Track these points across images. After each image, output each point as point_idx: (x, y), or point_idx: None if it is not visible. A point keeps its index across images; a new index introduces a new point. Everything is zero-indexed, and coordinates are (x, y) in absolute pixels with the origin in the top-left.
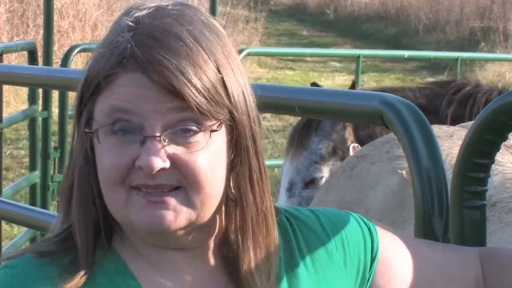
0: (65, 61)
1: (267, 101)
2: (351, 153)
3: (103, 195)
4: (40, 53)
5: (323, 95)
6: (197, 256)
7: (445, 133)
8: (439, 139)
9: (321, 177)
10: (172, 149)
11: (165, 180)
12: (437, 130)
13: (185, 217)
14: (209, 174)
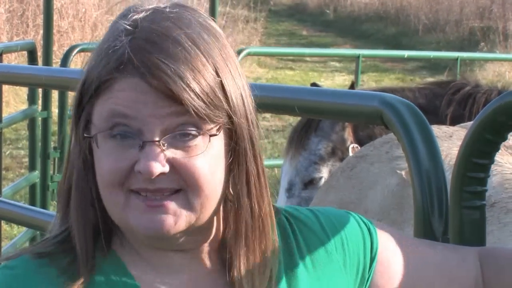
0: (64, 61)
1: (267, 101)
2: (351, 153)
3: (102, 198)
4: (39, 53)
5: (323, 95)
6: (196, 257)
7: (444, 134)
8: (438, 139)
9: (320, 178)
10: (171, 153)
11: (165, 184)
12: (437, 130)
13: (185, 220)
14: (209, 177)
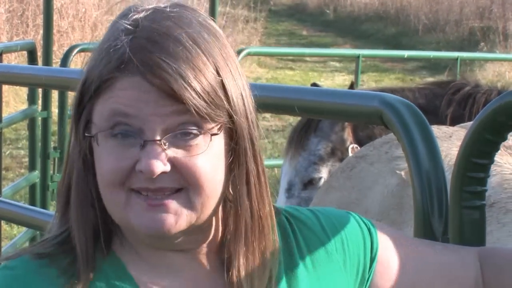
0: (64, 61)
1: (267, 101)
2: (350, 154)
3: (102, 197)
4: (39, 53)
5: (323, 95)
6: (195, 258)
7: (444, 134)
8: (438, 139)
9: (320, 178)
10: (172, 152)
11: (166, 183)
12: (436, 130)
13: (186, 220)
14: (210, 176)
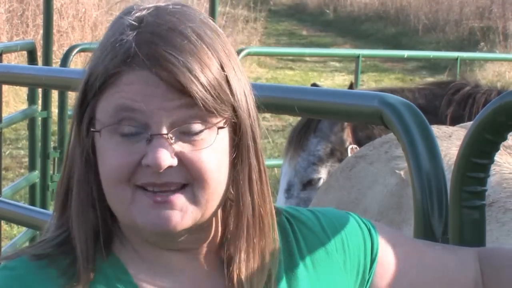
0: (64, 61)
1: (267, 101)
2: (349, 154)
3: (105, 196)
4: (39, 53)
5: (323, 95)
6: (196, 257)
7: (444, 133)
8: (438, 139)
9: (319, 179)
10: (179, 147)
11: (172, 178)
12: (436, 130)
13: (191, 216)
14: (215, 171)
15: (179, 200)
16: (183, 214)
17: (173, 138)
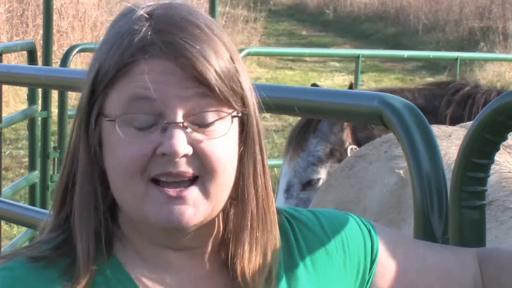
0: (64, 61)
1: (267, 101)
2: (349, 155)
3: (114, 192)
4: (39, 53)
5: (323, 95)
6: (197, 257)
7: (444, 133)
8: (437, 138)
9: (318, 179)
10: (193, 135)
11: (187, 167)
12: (436, 130)
13: (203, 211)
14: (226, 162)
15: (191, 194)
16: (196, 209)
17: (188, 127)
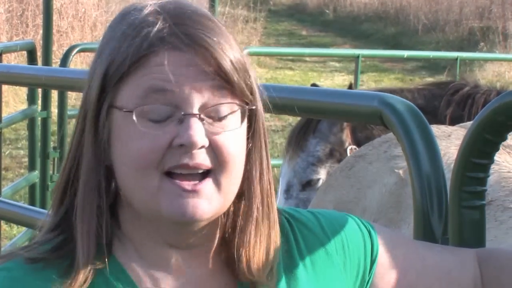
0: (64, 61)
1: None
2: (349, 155)
3: (124, 186)
4: (39, 53)
5: (323, 95)
6: (197, 257)
7: (443, 133)
8: (437, 138)
9: (318, 179)
10: (208, 127)
11: (203, 159)
12: (435, 129)
13: (216, 205)
14: (238, 155)
15: (206, 188)
16: (209, 202)
17: (204, 119)
